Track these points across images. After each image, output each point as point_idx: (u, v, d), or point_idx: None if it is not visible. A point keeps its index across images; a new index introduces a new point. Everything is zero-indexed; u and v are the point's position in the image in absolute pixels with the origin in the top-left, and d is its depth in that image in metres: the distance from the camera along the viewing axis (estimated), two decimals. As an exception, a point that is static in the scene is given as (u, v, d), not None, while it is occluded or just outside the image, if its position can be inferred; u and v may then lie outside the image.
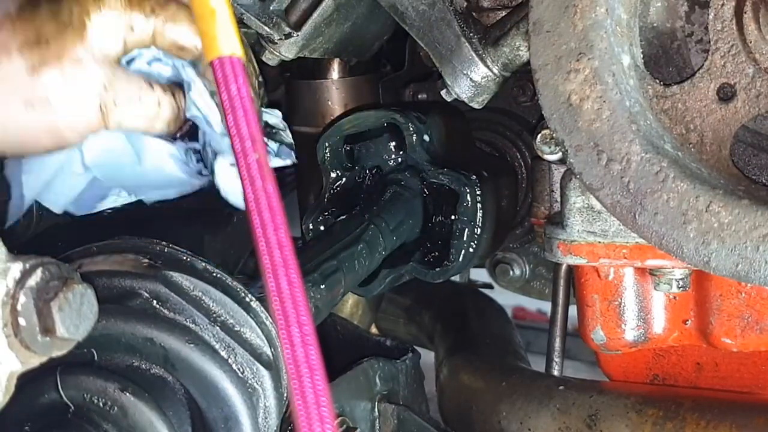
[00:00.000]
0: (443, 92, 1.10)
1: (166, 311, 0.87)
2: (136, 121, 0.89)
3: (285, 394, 0.90)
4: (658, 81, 0.95)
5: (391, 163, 1.31)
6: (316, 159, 1.36)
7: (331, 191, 1.33)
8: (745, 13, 0.91)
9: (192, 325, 0.87)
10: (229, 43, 0.73)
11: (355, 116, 1.31)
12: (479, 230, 1.26)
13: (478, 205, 1.26)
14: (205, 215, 1.56)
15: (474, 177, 1.26)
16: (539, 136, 1.02)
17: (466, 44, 1.07)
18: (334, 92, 1.44)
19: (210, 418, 0.86)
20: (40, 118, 0.84)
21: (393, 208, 1.26)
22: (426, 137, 1.27)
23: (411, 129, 1.26)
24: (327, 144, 1.32)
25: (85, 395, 0.82)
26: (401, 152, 1.30)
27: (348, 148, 1.33)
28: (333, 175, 1.33)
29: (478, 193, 1.26)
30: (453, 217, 1.27)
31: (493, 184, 1.32)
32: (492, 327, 1.58)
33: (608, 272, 1.09)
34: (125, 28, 0.87)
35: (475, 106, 1.10)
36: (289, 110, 1.50)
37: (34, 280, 0.68)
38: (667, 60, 0.99)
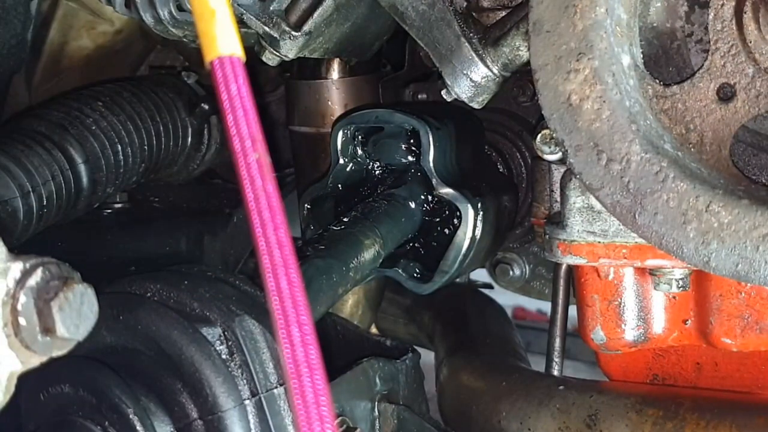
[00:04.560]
0: (443, 92, 1.10)
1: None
2: None
3: None
4: (658, 81, 0.95)
5: (401, 163, 1.31)
6: (316, 158, 1.36)
7: (336, 177, 1.33)
8: (745, 13, 0.91)
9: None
10: (229, 43, 0.73)
11: (380, 112, 1.30)
12: (475, 246, 1.27)
13: (479, 224, 1.26)
14: (205, 215, 1.56)
15: (477, 198, 1.26)
16: (539, 136, 1.02)
17: (466, 44, 1.07)
18: (335, 92, 1.44)
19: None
20: None
21: (390, 219, 1.26)
22: (442, 152, 1.27)
23: (431, 143, 1.25)
24: (343, 131, 1.31)
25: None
26: (412, 156, 1.30)
27: (362, 138, 1.32)
28: (342, 161, 1.32)
29: (480, 214, 1.26)
30: (452, 226, 1.28)
31: (495, 200, 1.32)
32: (492, 327, 1.58)
33: (608, 272, 1.09)
34: None
35: (475, 106, 1.10)
36: (288, 110, 1.51)
37: (34, 280, 0.68)
38: (667, 60, 0.99)
